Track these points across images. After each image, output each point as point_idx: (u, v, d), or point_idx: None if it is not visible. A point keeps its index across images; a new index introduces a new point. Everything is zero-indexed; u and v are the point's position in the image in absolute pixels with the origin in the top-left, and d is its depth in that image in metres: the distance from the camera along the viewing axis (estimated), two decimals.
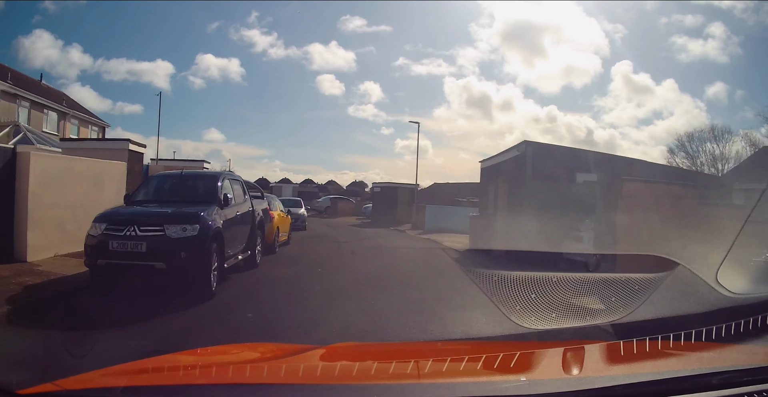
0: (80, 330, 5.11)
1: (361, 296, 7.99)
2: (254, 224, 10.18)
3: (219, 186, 8.77)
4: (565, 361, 2.00)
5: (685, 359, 2.12)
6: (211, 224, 7.63)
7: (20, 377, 1.77)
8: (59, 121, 28.06)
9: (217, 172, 13.02)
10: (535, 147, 15.38)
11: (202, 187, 9.16)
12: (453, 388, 1.75)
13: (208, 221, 7.58)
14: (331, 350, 2.55)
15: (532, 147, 15.31)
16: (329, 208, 41.59)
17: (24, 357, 4.07)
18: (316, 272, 10.87)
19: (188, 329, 5.73)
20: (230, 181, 9.58)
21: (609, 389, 1.64)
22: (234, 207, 8.91)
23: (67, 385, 1.63)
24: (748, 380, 1.72)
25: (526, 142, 15.64)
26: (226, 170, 12.51)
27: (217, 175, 9.74)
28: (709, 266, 3.36)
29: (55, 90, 31.77)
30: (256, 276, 9.63)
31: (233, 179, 9.98)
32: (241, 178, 10.80)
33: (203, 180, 9.58)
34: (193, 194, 8.83)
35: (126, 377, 1.81)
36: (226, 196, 8.54)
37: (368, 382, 1.83)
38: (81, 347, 4.11)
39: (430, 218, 26.93)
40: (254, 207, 10.38)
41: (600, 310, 3.23)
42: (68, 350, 3.97)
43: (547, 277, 3.26)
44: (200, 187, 9.19)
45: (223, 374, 1.97)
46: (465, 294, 7.62)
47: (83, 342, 4.26)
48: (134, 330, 5.39)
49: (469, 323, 6.15)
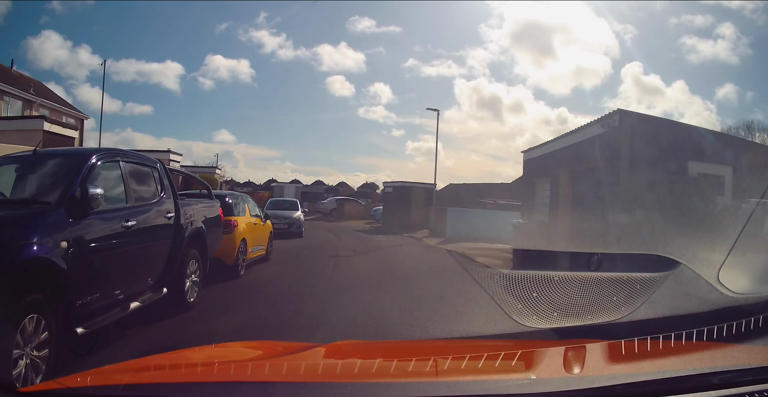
0: None
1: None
2: (179, 240, 6.24)
3: (76, 175, 4.65)
4: (567, 360, 2.00)
5: (686, 359, 2.12)
6: (24, 249, 3.74)
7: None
8: (24, 110, 25.10)
9: (87, 149, 7.98)
10: (633, 119, 10.62)
11: (45, 175, 4.97)
12: (454, 386, 1.75)
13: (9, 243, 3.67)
14: (333, 348, 2.55)
15: (630, 119, 10.55)
16: (335, 210, 37.91)
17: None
18: (283, 320, 6.21)
19: None
20: (111, 164, 5.29)
21: (610, 389, 1.64)
22: (117, 213, 5.04)
23: (68, 383, 1.64)
24: (749, 380, 1.72)
25: (621, 111, 10.81)
26: (119, 149, 6.21)
27: (83, 153, 5.43)
28: (712, 266, 3.35)
29: (27, 77, 28.68)
30: (172, 334, 5.41)
31: (123, 162, 5.49)
32: (152, 161, 6.27)
33: (51, 163, 5.15)
34: (25, 188, 4.90)
35: (128, 374, 1.81)
36: (89, 193, 4.39)
37: (370, 380, 1.84)
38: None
39: (451, 222, 22.37)
40: (182, 212, 6.41)
41: (601, 309, 3.23)
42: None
43: (548, 276, 3.26)
44: (41, 175, 5.00)
45: (225, 371, 1.98)
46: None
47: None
48: None
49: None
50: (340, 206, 38.10)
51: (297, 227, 19.51)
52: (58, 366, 3.67)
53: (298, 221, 19.72)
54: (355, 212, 37.02)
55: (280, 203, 22.41)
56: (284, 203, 21.90)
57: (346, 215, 36.06)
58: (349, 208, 37.85)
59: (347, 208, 37.67)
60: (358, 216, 36.04)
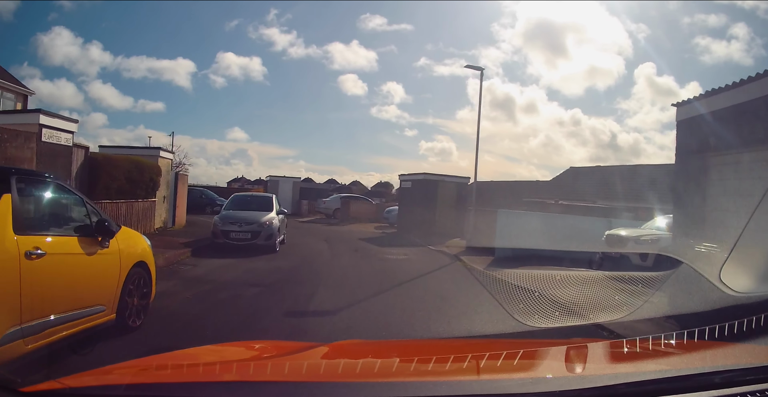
0: None
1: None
2: None
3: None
4: (568, 359, 2.00)
5: (688, 358, 2.12)
6: None
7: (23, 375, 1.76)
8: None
9: None
10: None
11: None
12: (456, 386, 1.75)
13: None
14: (335, 347, 2.55)
15: None
16: (339, 211, 30.80)
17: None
18: None
19: None
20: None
21: (612, 388, 1.64)
22: None
23: (70, 382, 1.64)
24: (750, 379, 1.72)
25: None
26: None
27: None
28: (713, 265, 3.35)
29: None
30: None
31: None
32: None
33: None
34: None
35: (130, 374, 1.82)
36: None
37: (372, 379, 1.83)
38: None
39: (503, 231, 14.44)
40: None
41: (603, 308, 3.23)
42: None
43: (550, 275, 3.26)
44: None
45: (227, 371, 1.98)
46: None
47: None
48: None
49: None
50: (345, 205, 30.98)
51: (266, 237, 13.18)
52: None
53: (268, 229, 13.26)
54: (363, 213, 30.54)
55: (245, 200, 15.60)
56: (252, 201, 15.39)
57: (353, 216, 29.83)
58: (357, 208, 30.98)
59: (354, 208, 30.83)
60: (367, 218, 29.76)
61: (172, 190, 17.91)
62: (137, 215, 14.34)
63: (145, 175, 14.75)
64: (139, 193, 14.42)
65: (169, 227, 17.37)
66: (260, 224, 13.32)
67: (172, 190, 17.91)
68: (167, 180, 17.37)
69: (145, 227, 14.70)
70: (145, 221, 14.93)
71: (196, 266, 10.27)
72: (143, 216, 14.83)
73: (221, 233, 13.30)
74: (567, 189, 25.23)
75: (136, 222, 14.00)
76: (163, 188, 16.67)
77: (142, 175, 14.49)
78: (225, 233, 13.26)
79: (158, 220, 16.45)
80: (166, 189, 17.27)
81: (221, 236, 13.27)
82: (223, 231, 13.29)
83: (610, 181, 23.09)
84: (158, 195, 16.16)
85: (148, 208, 15.29)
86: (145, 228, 14.37)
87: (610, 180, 23.09)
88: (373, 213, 30.37)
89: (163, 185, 16.73)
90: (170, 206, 17.87)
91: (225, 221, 13.51)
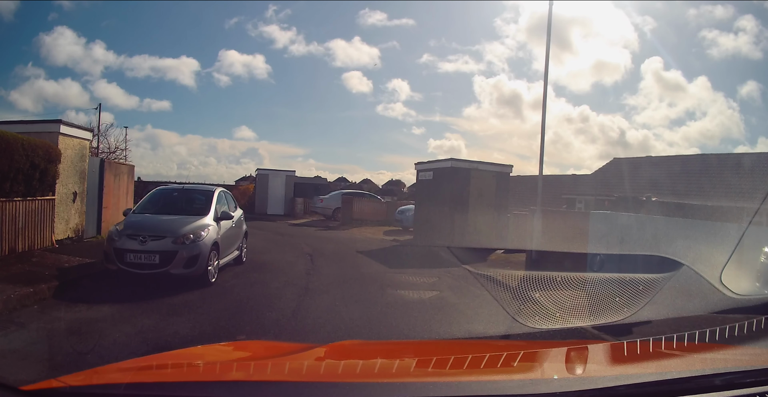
0: None
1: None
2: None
3: None
4: (569, 360, 2.00)
5: (689, 360, 2.12)
6: None
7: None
8: None
9: None
10: None
11: None
12: (456, 386, 1.74)
13: None
14: (335, 347, 2.55)
15: None
16: (340, 211, 24.63)
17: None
18: None
19: None
20: None
21: (612, 389, 1.64)
22: None
23: (70, 381, 1.64)
24: (751, 382, 1.72)
25: None
26: None
27: None
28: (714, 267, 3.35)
29: None
30: None
31: None
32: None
33: None
34: None
35: (130, 373, 1.82)
36: None
37: (372, 380, 1.83)
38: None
39: (600, 240, 9.11)
40: None
41: (604, 310, 3.22)
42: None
43: (551, 276, 3.26)
44: None
45: (227, 371, 1.98)
46: None
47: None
48: None
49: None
50: (347, 204, 24.46)
51: (187, 262, 7.79)
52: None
53: (191, 248, 7.88)
54: (370, 214, 24.47)
55: (169, 197, 9.97)
56: (180, 199, 9.94)
57: (357, 217, 23.86)
58: (362, 208, 24.73)
59: (358, 207, 24.55)
60: (375, 220, 23.74)
61: (93, 183, 12.91)
62: (10, 222, 9.08)
63: (20, 161, 9.08)
64: (10, 188, 9.01)
65: (88, 237, 12.42)
66: (176, 238, 7.91)
67: (93, 183, 12.91)
68: (80, 169, 12.08)
69: (31, 239, 9.78)
70: (31, 229, 9.79)
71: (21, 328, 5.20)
72: (26, 223, 9.59)
73: (114, 254, 7.87)
74: (614, 183, 22.98)
75: (8, 233, 8.99)
76: (70, 181, 11.61)
77: (12, 160, 8.86)
78: (119, 254, 7.82)
79: (62, 227, 11.32)
80: (80, 182, 12.07)
81: (113, 260, 7.87)
82: (116, 250, 7.85)
83: (689, 171, 20.46)
84: (60, 191, 11.13)
85: (38, 210, 10.04)
86: (30, 241, 9.72)
87: (689, 170, 20.50)
88: (383, 214, 24.40)
89: (72, 176, 11.67)
90: (91, 207, 12.72)
91: (123, 233, 8.04)
